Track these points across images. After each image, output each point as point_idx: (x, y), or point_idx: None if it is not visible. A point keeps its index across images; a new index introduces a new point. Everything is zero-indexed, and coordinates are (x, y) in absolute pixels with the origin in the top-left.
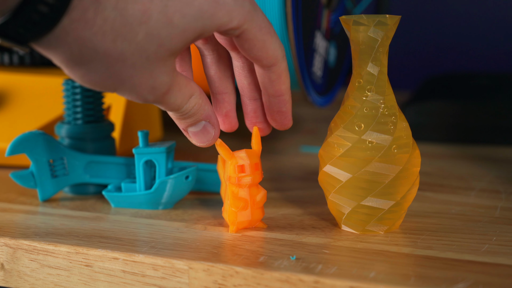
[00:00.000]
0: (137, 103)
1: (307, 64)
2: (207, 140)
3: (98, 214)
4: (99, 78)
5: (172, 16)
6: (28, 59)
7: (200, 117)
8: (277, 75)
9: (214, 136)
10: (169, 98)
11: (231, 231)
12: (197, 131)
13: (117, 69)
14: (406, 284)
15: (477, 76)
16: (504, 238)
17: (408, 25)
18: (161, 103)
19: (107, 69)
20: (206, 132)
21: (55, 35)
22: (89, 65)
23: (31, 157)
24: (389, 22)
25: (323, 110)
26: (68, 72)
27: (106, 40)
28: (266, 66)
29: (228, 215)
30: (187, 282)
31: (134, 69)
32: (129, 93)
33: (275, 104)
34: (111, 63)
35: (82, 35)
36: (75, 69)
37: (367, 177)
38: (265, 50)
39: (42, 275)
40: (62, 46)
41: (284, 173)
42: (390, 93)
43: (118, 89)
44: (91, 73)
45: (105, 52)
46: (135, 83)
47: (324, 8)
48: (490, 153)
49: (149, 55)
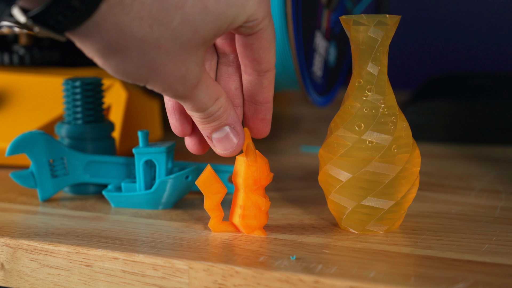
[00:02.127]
0: (137, 103)
1: (307, 64)
2: (231, 147)
3: (98, 214)
4: (134, 66)
5: (207, 2)
6: (28, 59)
7: (225, 121)
8: (269, 81)
9: (238, 144)
10: (198, 93)
11: (263, 234)
12: (221, 137)
13: (152, 56)
14: (406, 284)
15: (477, 76)
16: (504, 238)
17: (408, 25)
18: (190, 98)
19: (142, 57)
20: (230, 139)
21: (93, 21)
22: (124, 53)
23: (31, 157)
24: (389, 22)
25: (323, 110)
26: (102, 62)
27: (143, 25)
28: (263, 70)
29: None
30: (187, 282)
31: (168, 56)
32: (160, 84)
33: (260, 112)
34: (147, 50)
35: (120, 20)
36: (110, 57)
37: (367, 177)
38: (269, 53)
39: (42, 275)
40: (99, 33)
41: (284, 173)
42: (390, 93)
43: (150, 79)
44: (126, 62)
45: (142, 38)
46: (168, 72)
47: (324, 8)
48: (490, 153)
49: (183, 41)
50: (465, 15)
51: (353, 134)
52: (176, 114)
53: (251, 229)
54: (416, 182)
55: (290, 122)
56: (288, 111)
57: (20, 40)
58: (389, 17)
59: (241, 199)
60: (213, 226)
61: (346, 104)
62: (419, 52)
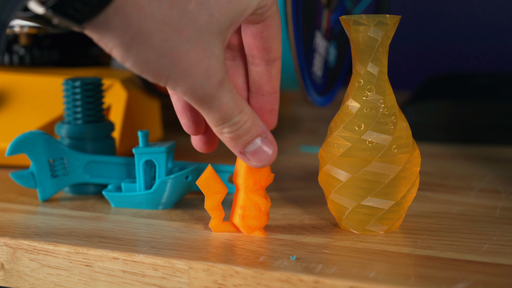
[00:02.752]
0: (137, 103)
1: (307, 64)
2: (267, 157)
3: (98, 214)
4: (155, 55)
5: None
6: (28, 59)
7: (256, 133)
8: (277, 70)
9: (273, 152)
10: (223, 94)
11: (263, 234)
12: (255, 149)
13: (174, 42)
14: (406, 284)
15: (477, 76)
16: (504, 238)
17: (408, 25)
18: (215, 100)
19: (164, 43)
20: (264, 150)
21: (112, 6)
22: (146, 38)
23: (31, 157)
24: (389, 22)
25: (323, 110)
26: (122, 53)
27: (163, 6)
28: (272, 59)
29: (250, 220)
30: (187, 282)
31: (189, 42)
32: (184, 79)
33: (268, 103)
34: (169, 34)
35: (139, 2)
36: (131, 46)
37: (367, 177)
38: (277, 41)
39: (42, 275)
40: (119, 19)
41: (284, 173)
42: (390, 93)
43: (172, 73)
44: (147, 49)
45: (163, 20)
46: (191, 63)
47: (324, 8)
48: (490, 153)
49: (202, 25)
50: (465, 15)
51: (353, 134)
52: (188, 113)
53: (251, 230)
54: (416, 182)
55: (290, 122)
56: (288, 111)
57: (20, 40)
58: (389, 17)
59: (241, 200)
60: (214, 226)
61: (346, 104)
62: (419, 52)
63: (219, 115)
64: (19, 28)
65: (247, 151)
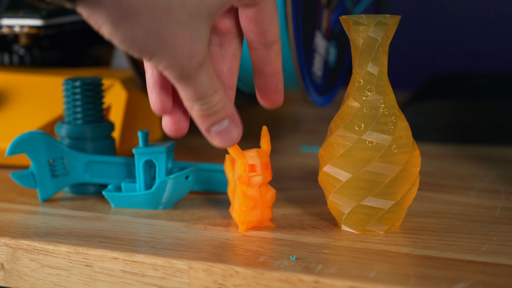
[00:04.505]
0: (137, 103)
1: (307, 64)
2: (230, 139)
3: (98, 214)
4: (143, 34)
5: None
6: (28, 59)
7: (225, 115)
8: (276, 52)
9: (237, 136)
10: (201, 74)
11: (241, 230)
12: (220, 130)
13: (162, 23)
14: (406, 284)
15: (477, 76)
16: (504, 238)
17: (408, 25)
18: (193, 79)
19: (152, 23)
20: (229, 132)
21: None
22: (135, 18)
23: (31, 157)
24: (389, 22)
25: (323, 110)
26: (110, 31)
27: None
28: (269, 42)
29: (238, 215)
30: (187, 282)
31: (177, 24)
32: (167, 58)
33: (272, 83)
34: (157, 16)
35: None
36: (119, 24)
37: (367, 177)
38: (273, 24)
39: (42, 275)
40: None
41: (284, 173)
42: (390, 93)
43: (157, 51)
44: (136, 29)
45: (154, 1)
46: (176, 44)
47: (324, 8)
48: (490, 153)
49: (191, 9)
50: (465, 15)
51: (353, 134)
52: (157, 88)
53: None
54: (416, 182)
55: (290, 122)
56: (288, 111)
57: (20, 40)
58: (389, 17)
59: (236, 194)
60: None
61: (346, 104)
62: (419, 52)
63: (193, 92)
64: (19, 28)
65: (212, 130)
